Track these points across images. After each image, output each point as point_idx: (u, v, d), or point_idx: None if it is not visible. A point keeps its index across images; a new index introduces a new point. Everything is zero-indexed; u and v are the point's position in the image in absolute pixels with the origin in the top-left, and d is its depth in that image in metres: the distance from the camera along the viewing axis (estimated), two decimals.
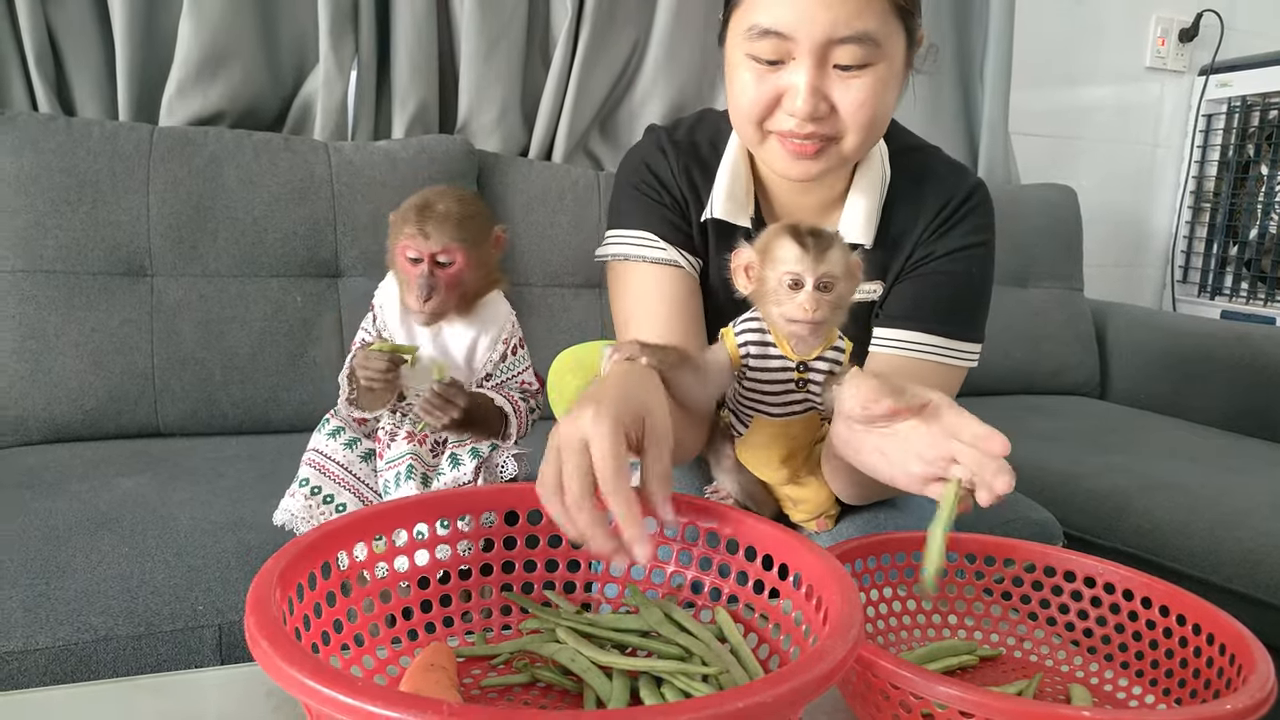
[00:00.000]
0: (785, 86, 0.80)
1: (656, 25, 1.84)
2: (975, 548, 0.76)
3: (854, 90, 0.79)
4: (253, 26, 1.59)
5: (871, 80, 0.79)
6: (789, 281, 0.72)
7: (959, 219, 0.92)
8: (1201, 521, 1.31)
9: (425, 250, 0.89)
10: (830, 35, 0.77)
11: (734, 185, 0.92)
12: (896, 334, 0.92)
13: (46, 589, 0.90)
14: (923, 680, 0.52)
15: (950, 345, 0.92)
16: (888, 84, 0.81)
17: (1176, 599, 0.68)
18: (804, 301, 0.71)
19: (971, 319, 0.94)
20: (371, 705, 0.38)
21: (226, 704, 0.61)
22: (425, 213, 0.90)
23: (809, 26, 0.77)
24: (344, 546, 0.59)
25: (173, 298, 1.40)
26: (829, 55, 0.78)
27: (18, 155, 1.34)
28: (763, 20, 0.78)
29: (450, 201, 0.91)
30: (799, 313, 0.72)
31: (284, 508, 0.94)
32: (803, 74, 0.78)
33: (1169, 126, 2.55)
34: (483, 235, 0.94)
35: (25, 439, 1.33)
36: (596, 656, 0.59)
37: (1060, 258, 2.12)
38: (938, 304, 0.92)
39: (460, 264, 0.91)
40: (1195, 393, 1.97)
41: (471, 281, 0.93)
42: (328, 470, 0.94)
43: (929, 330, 0.91)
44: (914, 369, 0.91)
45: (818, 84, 0.79)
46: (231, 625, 0.92)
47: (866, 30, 0.77)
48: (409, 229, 0.90)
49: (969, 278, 0.93)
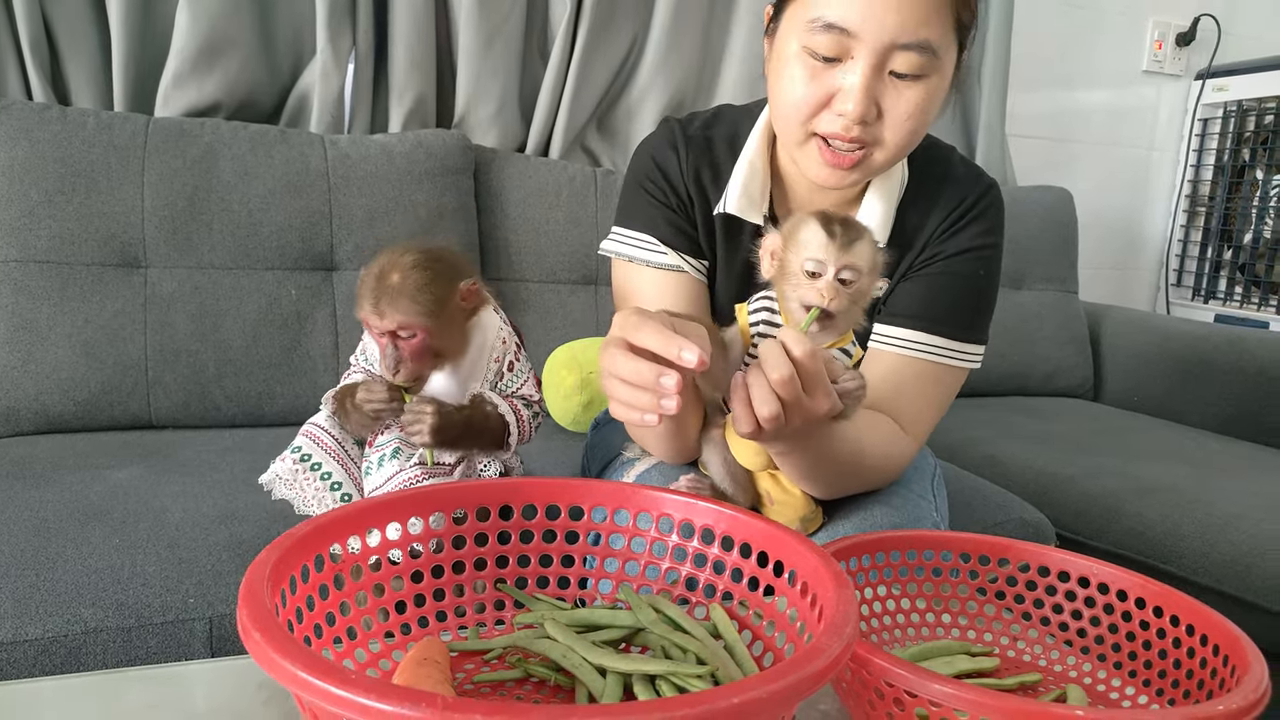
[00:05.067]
0: (838, 87, 0.79)
1: (655, 22, 1.84)
2: (969, 547, 0.76)
3: (905, 100, 0.79)
4: (250, 18, 1.58)
5: (923, 92, 0.79)
6: (810, 268, 0.71)
7: (971, 219, 0.93)
8: (1194, 524, 1.31)
9: (382, 328, 0.86)
10: (895, 39, 0.76)
11: (750, 182, 0.92)
12: (901, 333, 0.92)
13: (36, 580, 0.89)
14: (916, 678, 0.52)
15: (954, 347, 0.92)
16: (935, 99, 0.81)
17: (1170, 600, 0.68)
18: (822, 288, 0.71)
19: (977, 321, 0.94)
20: (365, 698, 0.37)
21: (217, 696, 0.61)
22: (380, 287, 0.85)
23: (876, 26, 0.76)
24: (337, 539, 0.59)
25: (166, 289, 1.39)
26: (888, 60, 0.78)
27: (12, 145, 1.34)
28: (829, 14, 0.77)
29: (405, 270, 0.86)
30: (815, 297, 0.71)
31: (271, 469, 0.93)
32: (859, 74, 0.78)
33: (1165, 130, 2.56)
34: (444, 300, 0.88)
35: (16, 429, 1.32)
36: (589, 653, 0.58)
37: (1055, 260, 2.12)
38: (944, 305, 0.92)
39: (421, 336, 0.87)
40: (1188, 396, 1.97)
41: (440, 345, 0.89)
42: (321, 441, 0.93)
43: (934, 331, 0.92)
44: (917, 369, 0.92)
45: (872, 87, 0.78)
46: (222, 618, 0.91)
47: (929, 39, 0.77)
48: (365, 304, 0.86)
49: (976, 279, 0.94)
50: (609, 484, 0.69)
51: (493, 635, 0.66)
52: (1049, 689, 0.69)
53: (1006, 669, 0.71)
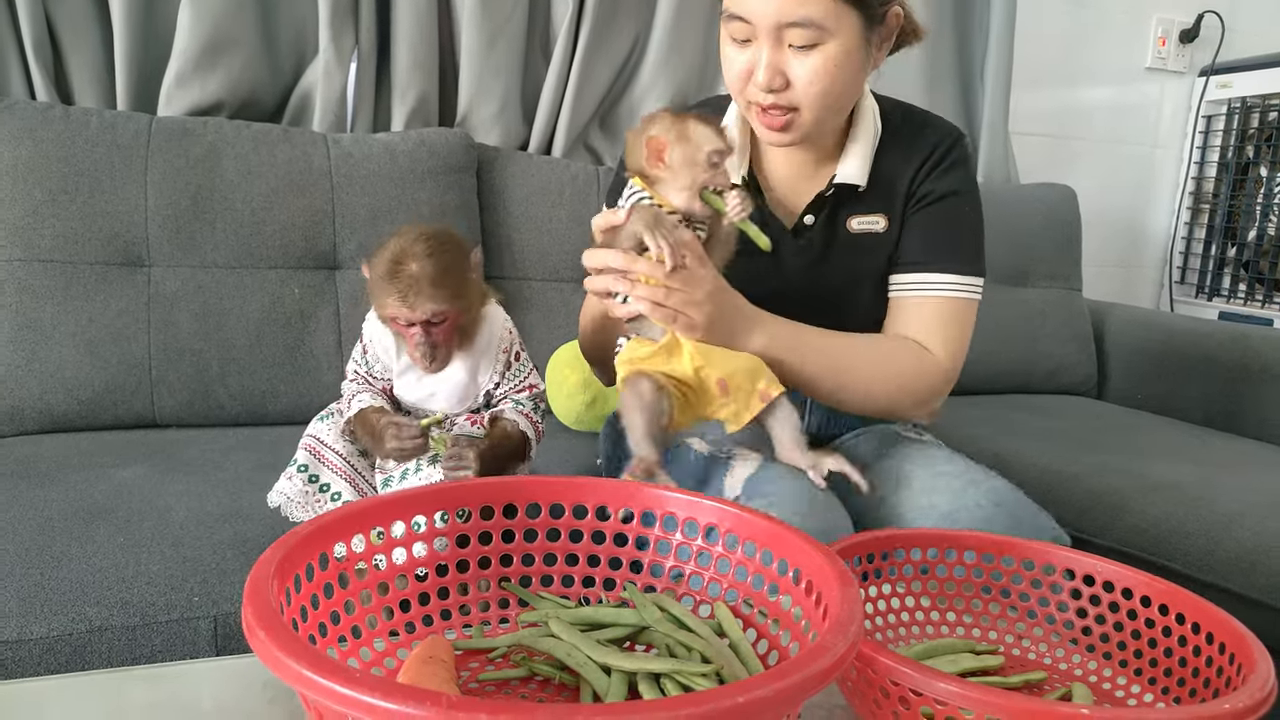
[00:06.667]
0: (753, 62, 0.94)
1: (657, 20, 1.84)
2: (974, 545, 0.76)
3: (806, 66, 0.93)
4: (252, 17, 1.58)
5: (821, 58, 0.92)
6: (715, 160, 0.87)
7: (951, 164, 1.06)
8: (1198, 522, 1.31)
9: (414, 319, 0.87)
10: (779, 20, 0.90)
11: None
12: (917, 277, 1.06)
13: (41, 579, 0.89)
14: (922, 676, 0.52)
15: (962, 281, 1.05)
16: (839, 61, 0.93)
17: (1176, 598, 0.67)
18: (729, 170, 0.90)
19: (976, 254, 1.08)
20: (370, 697, 0.37)
21: (222, 695, 0.61)
22: (401, 278, 0.86)
23: (761, 13, 0.91)
24: (342, 538, 0.59)
25: (170, 288, 1.39)
26: (783, 36, 0.92)
27: (15, 144, 1.34)
28: (732, 7, 0.94)
29: (422, 258, 0.87)
30: (724, 179, 0.88)
31: (279, 489, 0.93)
32: (762, 52, 0.93)
33: (1169, 127, 2.55)
34: (463, 276, 0.91)
35: (21, 429, 1.32)
36: (594, 652, 0.58)
37: (1059, 258, 2.12)
38: (947, 244, 1.06)
39: (451, 317, 0.89)
40: (1193, 393, 1.97)
41: (466, 321, 0.91)
42: (324, 458, 0.93)
43: (943, 270, 1.05)
44: (936, 306, 1.06)
45: (774, 60, 0.93)
46: (227, 616, 0.91)
47: (810, 16, 0.90)
48: (391, 300, 0.86)
49: (968, 218, 1.08)
50: (612, 482, 0.69)
51: (497, 634, 0.66)
52: (1054, 687, 0.69)
53: (1011, 667, 0.71)
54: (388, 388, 0.97)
